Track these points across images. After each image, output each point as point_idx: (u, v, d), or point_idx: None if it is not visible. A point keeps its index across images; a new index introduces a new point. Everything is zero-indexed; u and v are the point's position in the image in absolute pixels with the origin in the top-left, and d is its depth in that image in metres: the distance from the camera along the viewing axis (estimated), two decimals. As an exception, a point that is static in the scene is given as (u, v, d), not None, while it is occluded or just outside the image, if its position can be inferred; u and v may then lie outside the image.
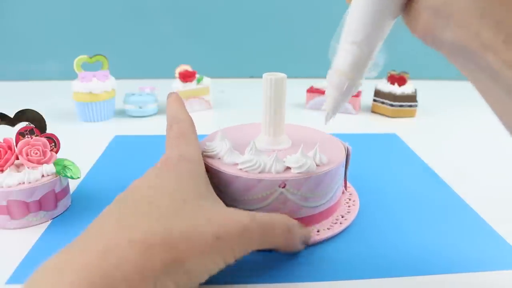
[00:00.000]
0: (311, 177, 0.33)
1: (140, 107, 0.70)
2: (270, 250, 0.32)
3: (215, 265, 0.26)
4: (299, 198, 0.34)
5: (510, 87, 0.22)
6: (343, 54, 0.30)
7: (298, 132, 0.42)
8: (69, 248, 0.24)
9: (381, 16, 0.28)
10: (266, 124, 0.37)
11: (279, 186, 0.33)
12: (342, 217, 0.38)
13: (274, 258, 0.32)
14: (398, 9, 0.27)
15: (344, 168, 0.38)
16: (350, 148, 0.39)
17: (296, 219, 0.33)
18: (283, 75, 0.36)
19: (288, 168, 0.34)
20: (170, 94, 0.38)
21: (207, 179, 0.31)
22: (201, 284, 0.25)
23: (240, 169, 0.34)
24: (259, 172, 0.33)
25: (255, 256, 0.31)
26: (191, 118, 0.35)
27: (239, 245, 0.27)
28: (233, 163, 0.34)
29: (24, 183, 0.36)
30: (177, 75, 0.73)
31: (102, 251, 0.23)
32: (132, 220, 0.25)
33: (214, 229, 0.26)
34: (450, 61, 0.26)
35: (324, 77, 0.32)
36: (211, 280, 0.26)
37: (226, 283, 0.30)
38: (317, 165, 0.34)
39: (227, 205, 0.30)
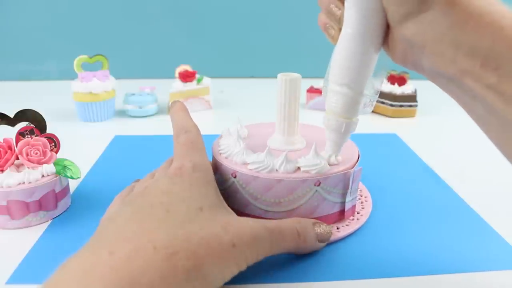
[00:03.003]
0: (259, 177, 0.33)
1: (140, 107, 0.70)
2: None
3: (230, 272, 0.26)
4: (248, 194, 0.34)
5: (490, 107, 0.22)
6: (334, 96, 0.30)
7: (318, 133, 0.41)
8: (91, 248, 0.24)
9: (365, 56, 0.28)
10: (280, 124, 0.37)
11: (231, 175, 0.34)
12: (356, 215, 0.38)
13: (275, 258, 0.32)
14: (380, 44, 0.28)
15: (338, 189, 0.34)
16: (358, 170, 0.34)
17: (244, 214, 0.34)
18: (297, 75, 0.36)
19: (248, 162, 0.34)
20: (174, 102, 0.38)
21: (217, 187, 0.32)
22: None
23: (219, 152, 0.36)
24: (225, 157, 0.35)
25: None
26: (198, 128, 0.35)
27: (251, 252, 0.27)
28: (217, 145, 0.37)
29: (24, 183, 0.36)
30: (177, 75, 0.73)
31: (128, 255, 0.23)
32: (154, 225, 0.25)
33: (230, 237, 0.26)
34: (434, 83, 0.26)
35: (324, 77, 0.32)
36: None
37: (226, 283, 0.30)
38: (276, 170, 0.33)
39: None
